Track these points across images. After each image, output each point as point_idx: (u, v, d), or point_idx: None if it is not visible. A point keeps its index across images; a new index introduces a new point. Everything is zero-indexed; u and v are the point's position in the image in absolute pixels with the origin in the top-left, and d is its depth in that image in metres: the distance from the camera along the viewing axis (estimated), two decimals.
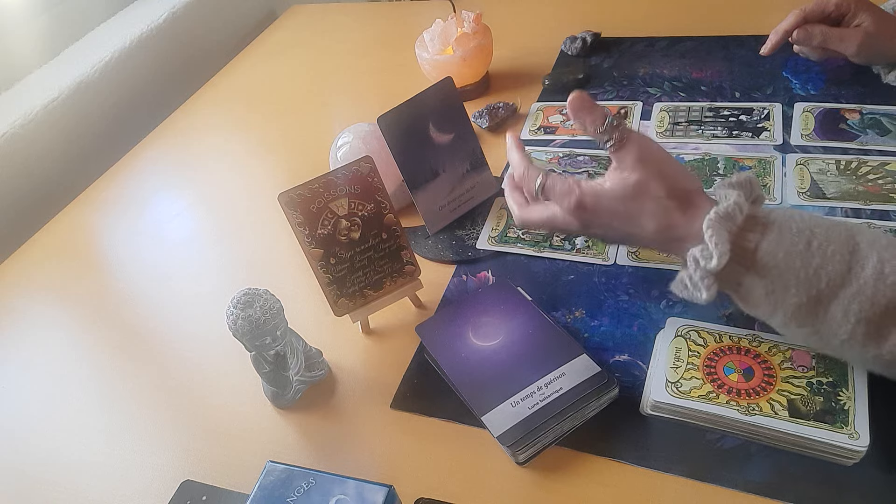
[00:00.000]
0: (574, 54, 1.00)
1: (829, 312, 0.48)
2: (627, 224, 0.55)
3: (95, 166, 1.04)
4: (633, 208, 0.54)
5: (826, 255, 0.48)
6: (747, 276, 0.50)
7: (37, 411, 0.70)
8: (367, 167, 0.64)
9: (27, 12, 1.10)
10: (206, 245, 0.87)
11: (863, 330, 0.47)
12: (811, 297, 0.48)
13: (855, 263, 0.47)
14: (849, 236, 0.49)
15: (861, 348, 0.48)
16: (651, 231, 0.54)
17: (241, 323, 0.57)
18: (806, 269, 0.48)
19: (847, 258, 0.47)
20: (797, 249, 0.48)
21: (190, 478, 0.60)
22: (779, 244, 0.49)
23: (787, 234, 0.49)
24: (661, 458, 0.53)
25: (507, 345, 0.61)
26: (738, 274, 0.51)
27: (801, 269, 0.48)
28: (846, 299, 0.47)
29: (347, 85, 1.11)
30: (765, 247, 0.49)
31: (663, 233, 0.54)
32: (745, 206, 0.51)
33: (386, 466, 0.58)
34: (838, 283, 0.47)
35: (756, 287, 0.50)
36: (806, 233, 0.49)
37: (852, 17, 0.77)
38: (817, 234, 0.49)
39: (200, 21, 1.28)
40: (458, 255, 0.74)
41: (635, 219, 0.55)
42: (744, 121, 0.82)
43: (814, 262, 0.48)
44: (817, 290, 0.48)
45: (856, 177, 0.71)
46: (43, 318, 0.81)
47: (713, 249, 0.50)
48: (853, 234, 0.49)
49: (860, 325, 0.47)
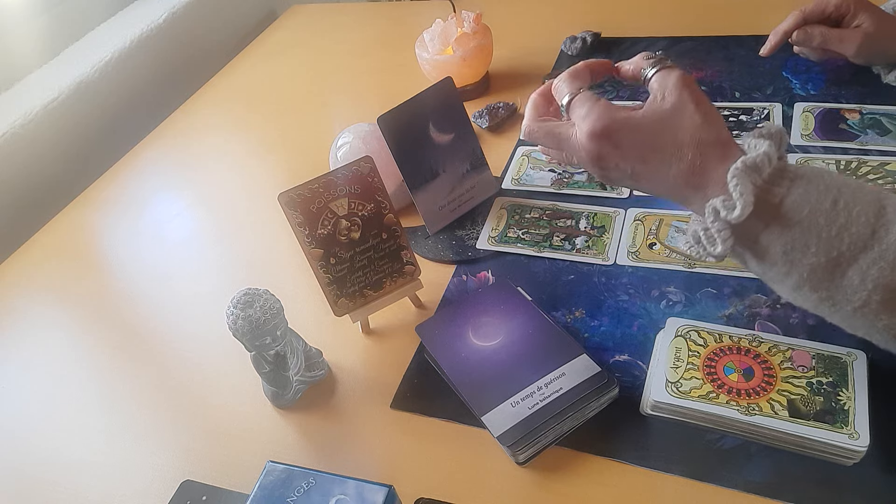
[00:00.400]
0: (574, 54, 1.00)
1: (846, 276, 0.46)
2: (650, 160, 0.51)
3: (95, 166, 1.04)
4: (665, 139, 0.51)
5: (851, 215, 0.46)
6: (766, 231, 0.48)
7: (37, 411, 0.70)
8: (367, 167, 0.64)
9: (27, 12, 1.10)
10: (206, 245, 0.87)
11: (879, 297, 0.45)
12: (831, 258, 0.46)
13: (880, 227, 0.45)
14: (876, 199, 0.47)
15: (874, 317, 0.46)
16: (675, 172, 0.51)
17: (241, 323, 0.57)
18: (829, 227, 0.46)
19: (872, 221, 0.46)
20: (823, 207, 0.46)
21: (190, 478, 0.60)
22: (805, 199, 0.47)
23: (813, 191, 0.47)
24: (661, 458, 0.53)
25: (507, 345, 0.61)
26: (756, 229, 0.48)
27: (824, 227, 0.46)
28: (866, 263, 0.45)
29: (347, 85, 1.11)
30: (790, 201, 0.47)
31: (687, 177, 0.50)
32: (775, 157, 0.48)
33: (386, 466, 0.58)
34: (860, 245, 0.45)
35: (774, 244, 0.48)
36: (833, 191, 0.47)
37: (852, 17, 0.77)
38: (844, 193, 0.47)
39: (200, 21, 1.28)
40: (458, 255, 0.74)
41: (663, 153, 0.51)
42: (744, 121, 0.82)
43: (838, 222, 0.46)
44: (838, 252, 0.46)
45: (856, 177, 0.71)
46: (43, 318, 0.81)
47: (737, 199, 0.47)
48: (881, 198, 0.47)
49: (877, 291, 0.45)
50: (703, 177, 0.50)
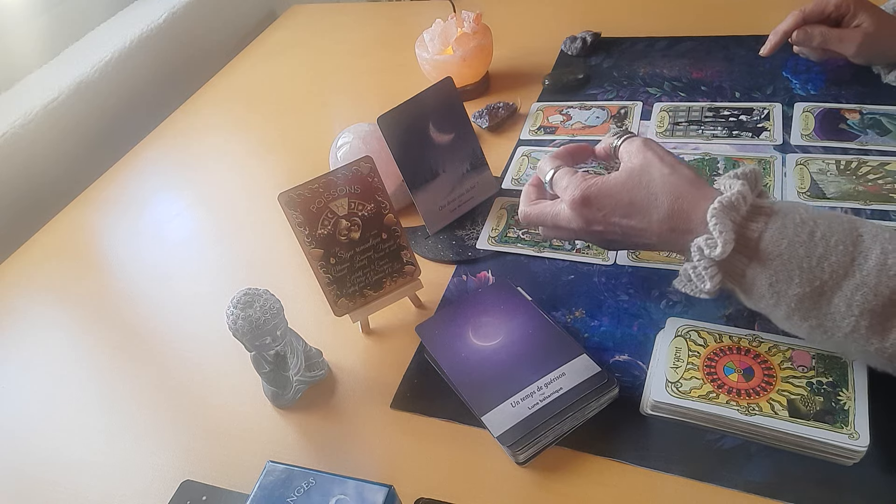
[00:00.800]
0: (574, 54, 1.00)
1: (832, 304, 0.48)
2: (633, 216, 0.55)
3: (95, 166, 1.04)
4: (640, 194, 0.55)
5: (829, 245, 0.48)
6: (750, 266, 0.51)
7: (37, 411, 0.70)
8: (367, 167, 0.64)
9: (27, 12, 1.10)
10: (206, 245, 0.87)
11: (866, 322, 0.47)
12: (814, 287, 0.48)
13: (858, 254, 0.47)
14: (852, 227, 0.49)
15: (864, 342, 0.48)
16: (657, 220, 0.54)
17: (241, 323, 0.57)
18: (809, 258, 0.48)
19: (850, 249, 0.48)
20: (800, 239, 0.49)
21: (190, 478, 0.60)
22: (782, 233, 0.49)
23: (790, 224, 0.49)
24: (661, 458, 0.53)
25: (507, 345, 0.61)
26: (741, 264, 0.51)
27: (804, 258, 0.48)
28: (849, 290, 0.47)
29: (347, 85, 1.11)
30: (768, 236, 0.50)
31: (669, 221, 0.54)
32: (750, 196, 0.51)
33: (386, 466, 0.58)
34: (841, 273, 0.47)
35: (759, 278, 0.50)
36: (809, 223, 0.49)
37: (852, 17, 0.77)
38: (820, 224, 0.49)
39: (200, 21, 1.28)
40: (458, 255, 0.74)
41: (642, 207, 0.55)
42: (744, 121, 0.82)
43: (817, 252, 0.48)
44: (821, 281, 0.48)
45: (856, 177, 0.71)
46: (43, 318, 0.81)
47: (717, 238, 0.50)
48: (856, 225, 0.49)
49: (864, 317, 0.47)
50: (687, 219, 0.53)
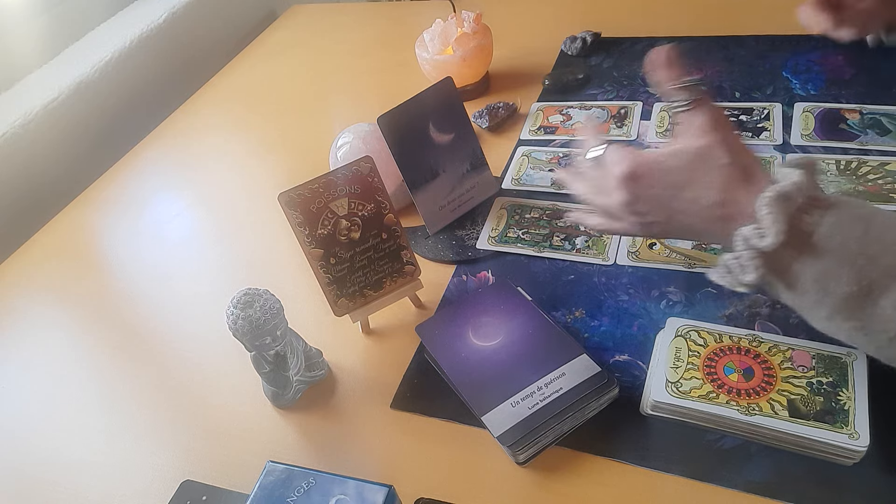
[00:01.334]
0: (574, 54, 1.00)
1: (878, 305, 0.46)
2: (681, 197, 0.52)
3: (95, 166, 1.04)
4: (695, 177, 0.51)
5: (884, 243, 0.46)
6: (798, 260, 0.48)
7: (37, 411, 0.70)
8: (367, 167, 0.64)
9: (27, 12, 1.10)
10: (206, 245, 0.87)
11: None
12: (862, 287, 0.46)
13: None
14: None
15: None
16: (706, 205, 0.51)
17: (241, 323, 0.57)
18: (861, 256, 0.46)
19: None
20: (854, 236, 0.46)
21: (190, 478, 0.60)
22: (837, 229, 0.47)
23: (846, 220, 0.47)
24: (661, 458, 0.53)
25: (507, 345, 0.61)
26: (788, 258, 0.48)
27: (857, 255, 0.46)
28: None
29: (347, 85, 1.11)
30: (823, 230, 0.47)
31: (718, 208, 0.51)
32: (806, 186, 0.48)
33: (386, 466, 0.58)
34: (892, 275, 0.45)
35: (806, 272, 0.48)
36: (865, 220, 0.47)
37: None
38: (876, 222, 0.47)
39: (200, 21, 1.28)
40: (458, 255, 0.74)
41: (693, 189, 0.52)
42: (744, 121, 0.82)
43: (870, 250, 0.46)
44: (869, 281, 0.46)
45: (856, 177, 0.71)
46: (43, 318, 0.81)
47: (769, 228, 0.47)
48: None
49: None
50: (733, 207, 0.50)
